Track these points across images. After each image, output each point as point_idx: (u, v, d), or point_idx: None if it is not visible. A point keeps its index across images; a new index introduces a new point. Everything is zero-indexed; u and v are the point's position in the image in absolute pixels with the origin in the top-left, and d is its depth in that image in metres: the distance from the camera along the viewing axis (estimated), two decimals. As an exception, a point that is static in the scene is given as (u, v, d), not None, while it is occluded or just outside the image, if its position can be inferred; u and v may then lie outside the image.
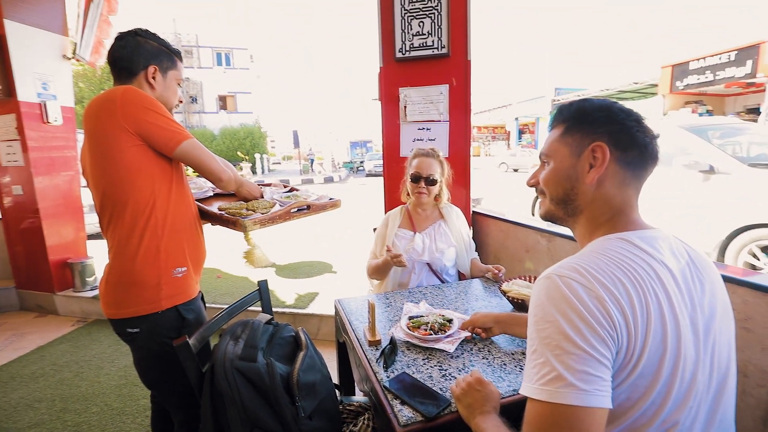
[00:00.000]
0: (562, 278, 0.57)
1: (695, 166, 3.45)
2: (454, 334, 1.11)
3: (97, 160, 1.04)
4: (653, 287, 0.57)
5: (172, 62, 1.19)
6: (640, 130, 0.65)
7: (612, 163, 0.65)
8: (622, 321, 0.54)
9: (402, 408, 0.84)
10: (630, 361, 0.55)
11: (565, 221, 0.73)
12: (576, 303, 0.55)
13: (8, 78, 2.91)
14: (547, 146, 0.73)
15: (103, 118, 1.02)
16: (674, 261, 0.63)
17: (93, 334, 2.89)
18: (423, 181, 1.69)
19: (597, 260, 0.59)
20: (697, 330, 0.60)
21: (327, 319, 2.70)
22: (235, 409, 0.81)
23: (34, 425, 1.89)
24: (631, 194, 0.67)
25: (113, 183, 1.03)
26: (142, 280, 1.04)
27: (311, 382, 0.90)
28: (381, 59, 2.24)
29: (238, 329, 0.94)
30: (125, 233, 1.04)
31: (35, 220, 3.16)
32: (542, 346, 0.56)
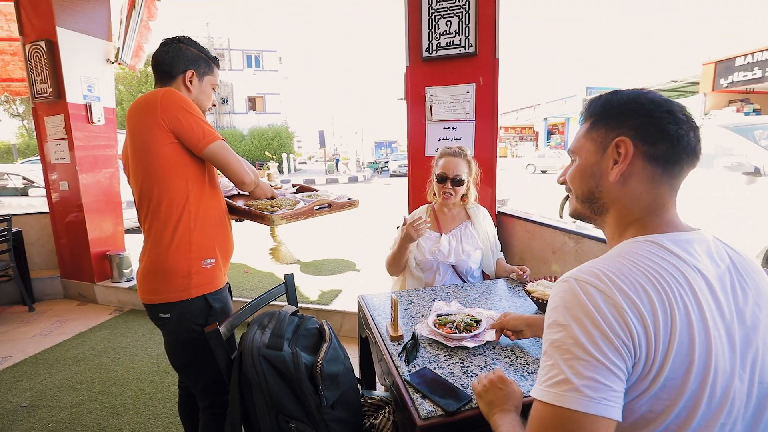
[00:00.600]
0: (580, 282, 0.56)
1: (738, 168, 3.26)
2: (479, 335, 1.10)
3: (138, 156, 1.12)
4: (681, 295, 0.54)
5: (209, 68, 1.28)
6: (672, 122, 0.59)
7: (638, 159, 0.61)
8: (642, 331, 0.52)
9: (423, 402, 0.85)
10: (650, 373, 0.52)
11: (594, 220, 0.70)
12: (591, 309, 0.53)
13: (59, 81, 3.12)
14: (574, 142, 0.70)
15: (144, 117, 1.10)
16: (712, 266, 0.59)
17: (129, 322, 3.05)
18: (449, 182, 1.66)
19: (620, 265, 0.56)
20: (733, 342, 0.56)
21: (349, 316, 2.73)
22: (261, 395, 0.84)
23: (76, 405, 2.02)
24: (663, 192, 0.62)
25: (151, 178, 1.11)
26: (174, 270, 1.12)
27: (334, 372, 0.92)
28: (407, 59, 2.24)
29: (265, 319, 0.97)
30: (160, 225, 1.12)
31: (79, 214, 3.37)
32: (552, 349, 0.55)
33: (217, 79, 1.32)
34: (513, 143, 28.83)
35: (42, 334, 2.88)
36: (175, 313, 1.12)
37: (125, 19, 3.45)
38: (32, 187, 6.31)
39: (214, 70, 1.30)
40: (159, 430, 1.83)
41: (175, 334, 1.17)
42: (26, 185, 6.37)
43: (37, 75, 3.16)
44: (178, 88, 1.21)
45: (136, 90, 22.44)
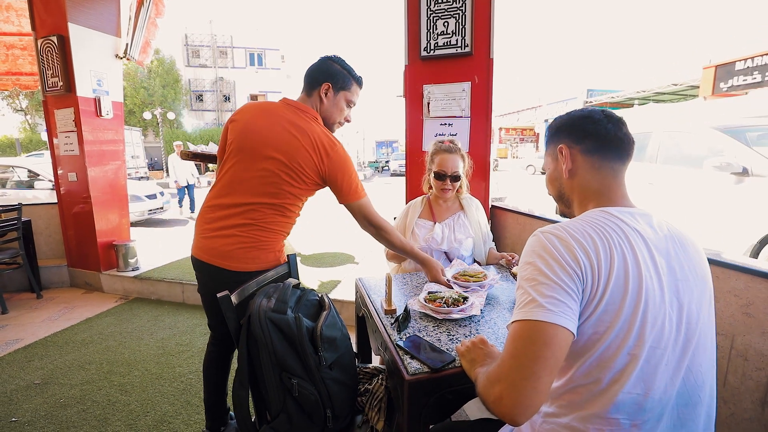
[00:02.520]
0: (544, 233, 0.72)
1: (727, 168, 3.36)
2: (466, 309, 1.21)
3: (284, 170, 1.26)
4: (620, 243, 0.70)
5: (347, 84, 1.39)
6: (590, 122, 0.80)
7: (577, 156, 0.81)
8: (587, 263, 0.67)
9: (411, 362, 0.95)
10: (594, 297, 0.67)
11: (569, 213, 0.87)
12: (551, 248, 0.69)
13: (69, 75, 3.23)
14: (544, 161, 0.93)
15: (309, 153, 1.26)
16: (651, 231, 0.74)
17: (134, 310, 3.15)
18: (448, 179, 1.75)
19: (575, 223, 0.73)
20: (662, 284, 0.70)
21: (348, 305, 2.84)
22: (267, 353, 0.94)
23: (86, 383, 2.12)
24: (606, 175, 0.79)
25: (285, 193, 1.29)
26: (272, 246, 1.34)
27: (332, 336, 1.02)
28: (406, 57, 2.35)
29: (270, 290, 1.07)
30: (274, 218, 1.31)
31: (86, 205, 3.47)
32: (523, 281, 0.70)
33: (354, 96, 1.43)
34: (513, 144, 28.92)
35: (50, 319, 2.99)
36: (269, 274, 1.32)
37: (134, 16, 3.55)
38: (38, 180, 6.41)
39: (353, 87, 1.41)
40: (165, 406, 1.93)
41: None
42: (32, 178, 6.48)
43: (49, 69, 3.26)
44: (316, 98, 1.36)
45: (139, 86, 22.56)
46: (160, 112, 20.70)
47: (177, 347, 2.51)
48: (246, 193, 1.28)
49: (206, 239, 1.32)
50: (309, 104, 1.36)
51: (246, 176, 1.28)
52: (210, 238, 1.31)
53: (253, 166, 1.27)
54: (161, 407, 1.93)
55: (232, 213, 1.29)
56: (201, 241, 1.33)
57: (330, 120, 1.40)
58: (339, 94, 1.37)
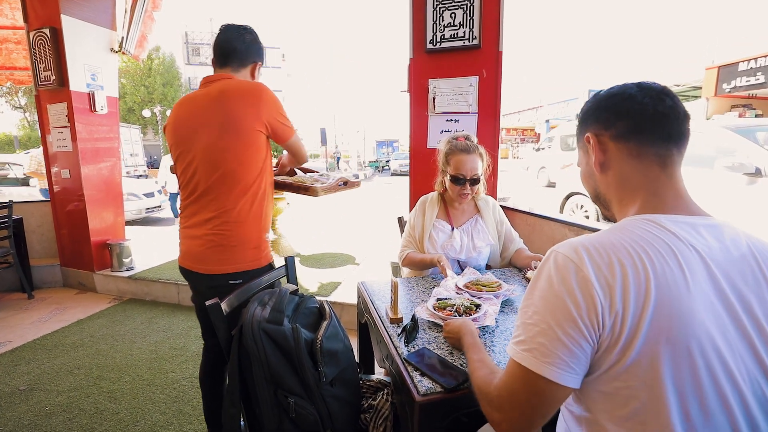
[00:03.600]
0: (558, 255, 0.59)
1: (740, 169, 3.27)
2: (479, 318, 1.10)
3: (227, 138, 1.17)
4: (664, 270, 0.53)
5: (263, 61, 1.39)
6: (620, 100, 0.64)
7: (609, 143, 0.65)
8: (607, 303, 0.53)
9: (422, 379, 0.85)
10: (616, 344, 0.53)
11: (611, 216, 0.72)
12: (560, 283, 0.56)
13: (62, 69, 3.12)
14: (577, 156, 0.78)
15: (243, 104, 1.18)
16: (719, 250, 0.56)
17: (127, 311, 3.05)
18: (468, 184, 1.57)
19: (604, 239, 0.57)
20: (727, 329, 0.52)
21: (348, 307, 2.74)
22: (261, 369, 0.84)
23: (74, 389, 2.02)
24: (649, 165, 0.62)
25: (237, 160, 1.18)
26: (247, 241, 1.22)
27: (334, 350, 0.92)
28: (411, 50, 2.25)
29: (265, 296, 0.97)
30: (237, 203, 1.20)
31: (80, 203, 3.37)
32: (522, 311, 0.61)
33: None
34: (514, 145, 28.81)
35: (41, 320, 2.88)
36: (247, 279, 1.21)
37: (130, 9, 3.45)
38: (33, 177, 6.31)
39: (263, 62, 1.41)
40: (156, 415, 1.83)
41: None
42: (27, 175, 6.37)
43: (41, 62, 3.16)
44: (246, 76, 1.31)
45: (139, 83, 22.45)
46: (160, 110, 20.60)
47: (171, 351, 2.41)
48: (201, 183, 1.20)
49: (182, 244, 1.27)
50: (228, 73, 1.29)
51: (194, 166, 1.21)
52: (184, 241, 1.26)
53: (196, 153, 1.21)
54: (152, 416, 1.83)
55: (196, 210, 1.22)
56: (180, 247, 1.28)
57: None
58: (260, 72, 1.38)
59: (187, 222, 1.24)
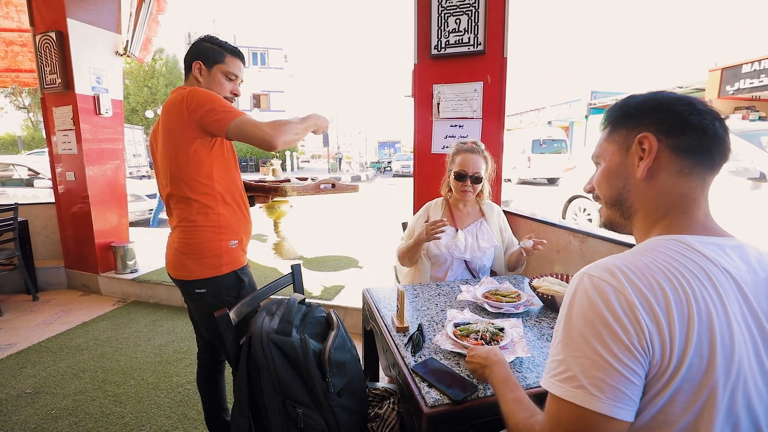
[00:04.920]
0: (593, 278, 0.55)
1: (744, 173, 3.26)
2: (507, 347, 1.01)
3: (169, 150, 1.21)
4: (703, 295, 0.52)
5: (219, 57, 1.30)
6: (694, 113, 0.59)
7: (665, 152, 0.60)
8: (654, 329, 0.50)
9: (429, 390, 0.86)
10: (664, 373, 0.51)
11: (624, 226, 0.68)
12: (601, 307, 0.52)
13: (68, 72, 3.14)
14: (597, 148, 0.70)
15: (174, 115, 1.19)
16: (747, 272, 0.56)
17: (132, 314, 3.06)
18: (469, 180, 1.65)
19: (638, 261, 0.55)
20: (762, 353, 0.53)
21: (352, 312, 2.74)
22: (270, 379, 0.85)
23: (79, 392, 2.03)
24: (694, 186, 0.59)
25: (182, 170, 1.20)
26: (206, 250, 1.23)
27: (341, 360, 0.93)
28: (416, 56, 2.25)
29: (273, 306, 0.98)
30: (190, 213, 1.22)
31: (84, 205, 3.39)
32: (562, 344, 0.55)
33: (232, 68, 1.33)
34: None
35: (46, 322, 2.90)
36: (211, 288, 1.23)
37: (135, 12, 3.47)
38: (37, 178, 6.34)
39: (226, 59, 1.31)
40: (161, 419, 1.84)
41: (211, 306, 1.22)
42: (31, 176, 6.40)
43: (47, 66, 3.18)
44: (192, 81, 1.30)
45: (142, 84, 22.54)
46: (163, 111, 20.64)
47: (175, 354, 2.42)
48: (164, 195, 1.27)
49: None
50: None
51: (160, 179, 1.28)
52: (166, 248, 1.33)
53: (159, 167, 1.27)
54: (157, 420, 1.84)
55: (169, 220, 1.30)
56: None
57: None
58: (213, 68, 1.29)
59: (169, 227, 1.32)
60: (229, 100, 1.34)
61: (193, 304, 1.34)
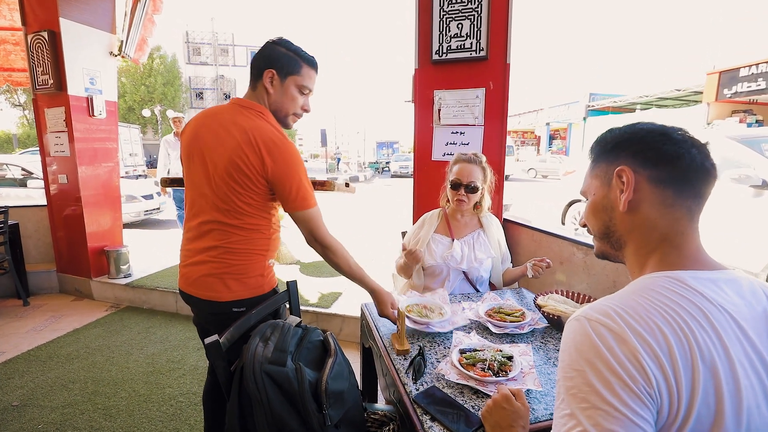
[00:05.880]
0: (591, 322, 0.53)
1: (746, 181, 3.23)
2: (517, 378, 0.94)
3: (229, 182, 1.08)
4: (704, 338, 0.50)
5: (295, 67, 1.16)
6: (667, 142, 0.59)
7: (644, 184, 0.60)
8: (660, 377, 0.48)
9: (432, 425, 0.81)
10: (672, 425, 0.48)
11: (616, 256, 0.68)
12: (605, 353, 0.49)
13: (60, 73, 3.07)
14: (583, 183, 0.71)
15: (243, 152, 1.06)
16: (744, 306, 0.55)
17: (125, 320, 3.00)
18: (463, 189, 1.63)
19: (634, 302, 0.53)
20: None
21: (349, 320, 2.69)
22: (263, 413, 0.80)
23: (68, 405, 1.97)
24: (679, 217, 0.59)
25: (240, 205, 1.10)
26: (250, 271, 1.16)
27: (339, 390, 0.88)
28: (416, 61, 2.21)
29: (267, 331, 0.93)
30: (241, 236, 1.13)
31: (77, 207, 3.32)
32: (569, 396, 0.51)
33: (307, 81, 1.18)
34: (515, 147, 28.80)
35: (36, 329, 2.83)
36: (251, 306, 1.15)
37: (129, 12, 3.40)
38: (31, 178, 6.25)
39: (303, 70, 1.17)
40: (152, 434, 1.79)
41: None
42: (25, 176, 6.31)
43: (39, 66, 3.11)
44: (261, 90, 1.15)
45: (139, 83, 22.39)
46: (160, 110, 20.52)
47: (168, 364, 2.36)
48: (205, 212, 1.13)
49: (183, 267, 1.20)
50: (255, 99, 1.16)
51: (201, 192, 1.13)
52: (186, 266, 1.19)
53: (203, 180, 1.12)
54: (148, 435, 1.78)
55: (198, 235, 1.15)
56: (180, 270, 1.21)
57: (282, 112, 1.19)
58: (287, 80, 1.15)
59: (191, 247, 1.17)
60: (298, 116, 1.24)
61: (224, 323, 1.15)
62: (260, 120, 1.11)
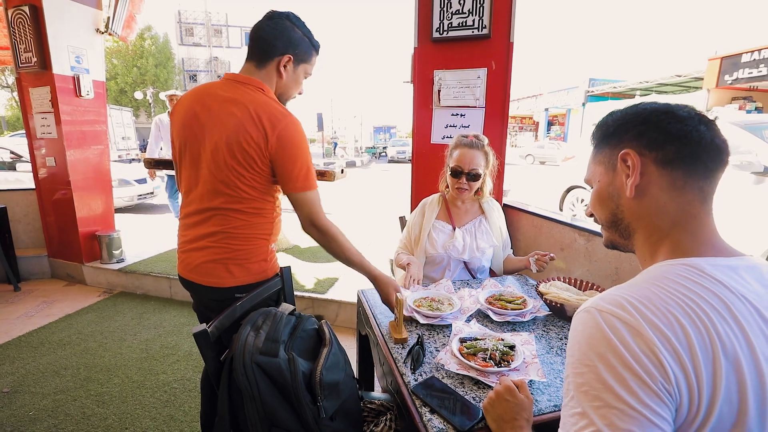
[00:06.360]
0: (603, 314, 0.49)
1: (748, 167, 3.19)
2: (520, 368, 0.90)
3: (231, 162, 1.01)
4: (725, 330, 0.46)
5: (308, 55, 1.14)
6: (673, 121, 0.55)
7: (650, 167, 0.57)
8: (680, 372, 0.44)
9: (432, 417, 0.77)
10: (692, 423, 0.45)
11: (626, 245, 0.64)
12: (619, 347, 0.46)
13: (44, 50, 2.94)
14: (587, 171, 0.68)
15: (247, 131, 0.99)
16: (766, 294, 0.51)
17: (118, 305, 2.96)
18: (464, 177, 1.53)
19: (648, 292, 0.49)
20: None
21: (345, 306, 2.66)
22: (254, 406, 0.76)
23: (60, 392, 1.94)
24: (691, 200, 0.55)
25: (241, 187, 1.04)
26: (254, 256, 1.12)
27: (334, 381, 0.84)
28: (416, 39, 2.11)
29: (259, 319, 0.88)
30: (244, 221, 1.08)
31: (67, 191, 3.23)
32: (580, 393, 0.48)
33: (312, 69, 1.18)
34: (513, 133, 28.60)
35: (27, 315, 2.79)
36: (254, 292, 1.11)
37: (116, -14, 3.25)
38: (20, 161, 6.11)
39: (313, 59, 1.16)
40: (146, 420, 1.76)
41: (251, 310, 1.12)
42: (14, 159, 6.17)
43: (21, 43, 2.97)
44: (271, 71, 1.09)
45: (131, 64, 21.86)
46: (152, 92, 20.09)
47: (162, 350, 2.33)
48: (204, 197, 1.06)
49: (182, 253, 1.14)
50: (257, 77, 1.09)
51: (199, 176, 1.07)
52: (185, 252, 1.13)
53: (200, 164, 1.05)
54: (141, 422, 1.76)
55: (198, 221, 1.09)
56: (179, 256, 1.15)
57: (285, 96, 1.17)
58: (299, 67, 1.12)
59: (191, 233, 1.11)
60: (292, 98, 1.20)
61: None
62: (261, 95, 1.05)
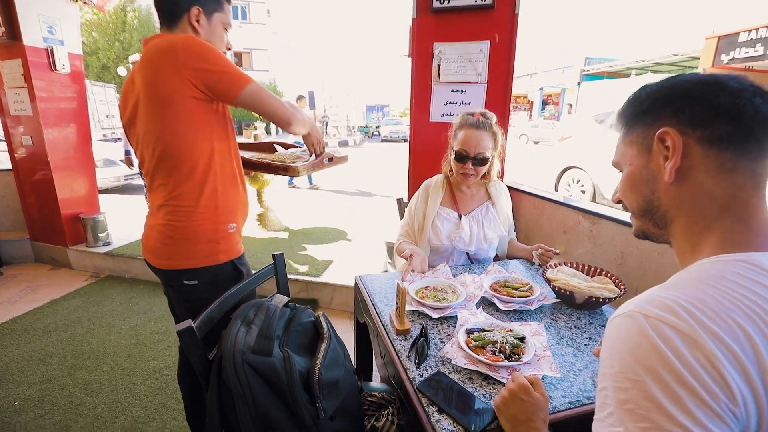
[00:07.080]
0: (650, 320, 0.42)
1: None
2: (531, 362, 0.84)
3: (156, 111, 0.99)
4: None
5: (218, 4, 1.10)
6: (722, 93, 0.47)
7: (694, 147, 0.49)
8: (747, 390, 0.38)
9: (440, 418, 0.72)
10: None
11: (660, 236, 0.57)
12: (672, 360, 0.39)
13: (13, 19, 2.73)
14: (615, 152, 0.60)
15: (162, 68, 0.96)
16: None
17: (105, 290, 2.87)
18: (470, 162, 1.40)
19: (703, 294, 0.42)
20: None
21: (341, 289, 2.61)
22: (246, 408, 0.69)
23: (46, 380, 1.88)
24: (742, 183, 0.47)
25: (172, 136, 1.00)
26: (199, 234, 1.04)
27: (334, 379, 0.78)
28: (415, 10, 1.98)
29: (250, 313, 0.81)
30: (183, 189, 1.02)
31: (46, 172, 3.08)
32: (623, 412, 0.41)
33: (229, 18, 1.13)
34: (507, 113, 28.26)
35: (10, 300, 2.69)
36: (204, 279, 1.05)
37: (89, -51, 3.01)
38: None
39: (224, 7, 1.11)
40: (137, 409, 1.71)
41: (202, 300, 1.03)
42: (-9, 138, 5.89)
43: (-13, 11, 2.75)
44: (185, 30, 1.05)
45: (113, 39, 20.92)
46: (137, 68, 19.31)
47: (152, 336, 2.27)
48: (146, 167, 1.04)
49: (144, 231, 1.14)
50: None
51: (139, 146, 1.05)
52: (144, 229, 1.13)
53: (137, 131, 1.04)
54: (132, 411, 1.71)
55: (152, 196, 1.07)
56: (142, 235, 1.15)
57: None
58: (213, 17, 1.08)
59: (148, 208, 1.10)
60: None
61: (178, 297, 1.14)
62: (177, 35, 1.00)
